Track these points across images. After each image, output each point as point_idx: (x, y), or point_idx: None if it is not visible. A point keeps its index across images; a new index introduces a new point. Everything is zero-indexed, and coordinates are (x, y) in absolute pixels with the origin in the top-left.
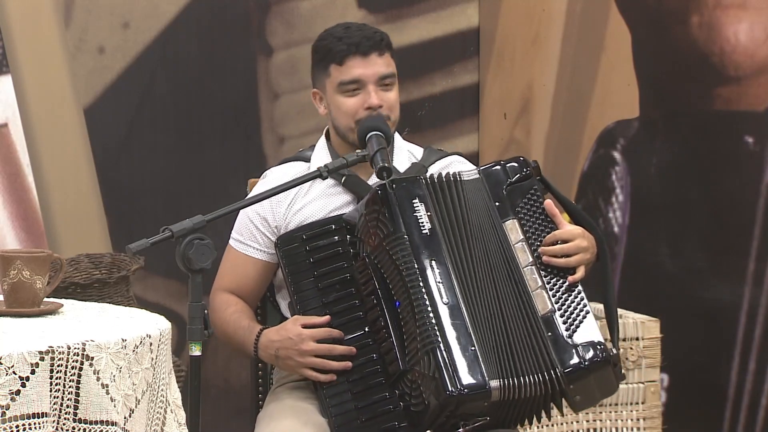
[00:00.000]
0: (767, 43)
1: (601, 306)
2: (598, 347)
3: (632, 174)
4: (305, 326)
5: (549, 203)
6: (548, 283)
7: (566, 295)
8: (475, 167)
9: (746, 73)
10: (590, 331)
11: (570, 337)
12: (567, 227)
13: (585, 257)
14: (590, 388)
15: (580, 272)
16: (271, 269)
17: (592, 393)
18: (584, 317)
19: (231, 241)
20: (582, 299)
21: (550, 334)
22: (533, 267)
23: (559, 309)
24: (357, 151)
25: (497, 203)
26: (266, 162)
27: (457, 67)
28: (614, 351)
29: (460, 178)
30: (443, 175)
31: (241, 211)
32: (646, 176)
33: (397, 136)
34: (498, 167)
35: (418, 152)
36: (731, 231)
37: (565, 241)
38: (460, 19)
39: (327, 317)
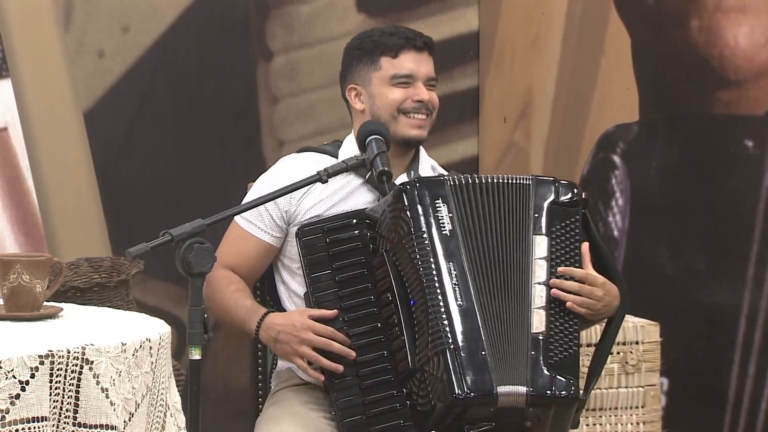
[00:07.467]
0: (767, 47)
1: None
2: (571, 384)
3: (632, 178)
4: (312, 318)
5: (585, 246)
6: (551, 307)
7: (563, 325)
8: None
9: (746, 76)
10: (570, 366)
11: (549, 364)
12: (592, 271)
13: (594, 306)
14: (545, 420)
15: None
16: (272, 252)
17: (543, 426)
18: (570, 351)
19: (237, 218)
20: (575, 336)
21: (533, 353)
22: (544, 287)
23: (550, 334)
24: (356, 154)
25: (536, 215)
26: (266, 165)
27: (456, 70)
28: (583, 396)
29: (504, 180)
30: (469, 177)
31: (252, 187)
32: (646, 180)
33: (422, 149)
34: (551, 181)
35: (440, 170)
36: (731, 234)
37: (582, 283)
38: (459, 22)
39: (335, 311)
